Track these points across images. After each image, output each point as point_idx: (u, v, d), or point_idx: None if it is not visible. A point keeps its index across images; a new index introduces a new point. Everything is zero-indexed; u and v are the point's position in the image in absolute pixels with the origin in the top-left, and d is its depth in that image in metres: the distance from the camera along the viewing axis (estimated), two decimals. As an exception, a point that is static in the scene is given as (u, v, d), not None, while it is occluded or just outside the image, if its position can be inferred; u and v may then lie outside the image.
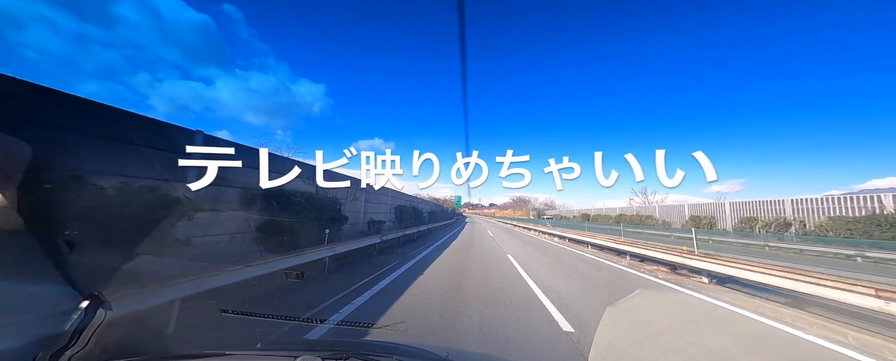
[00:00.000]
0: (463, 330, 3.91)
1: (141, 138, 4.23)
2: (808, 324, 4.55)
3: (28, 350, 1.62)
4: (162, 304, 3.21)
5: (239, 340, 3.37)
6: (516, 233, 25.98)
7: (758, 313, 5.06)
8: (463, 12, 6.75)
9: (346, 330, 3.96)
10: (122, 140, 4.09)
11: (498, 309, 4.85)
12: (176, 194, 4.17)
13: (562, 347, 3.60)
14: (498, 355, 3.43)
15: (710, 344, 3.72)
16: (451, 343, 3.56)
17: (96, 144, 3.82)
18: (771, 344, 3.87)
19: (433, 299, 5.33)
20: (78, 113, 3.74)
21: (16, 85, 3.20)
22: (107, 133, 3.93)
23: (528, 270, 8.45)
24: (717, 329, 4.31)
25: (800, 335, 4.16)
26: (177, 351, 2.34)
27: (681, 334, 4.05)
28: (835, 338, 4.04)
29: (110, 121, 4.04)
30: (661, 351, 3.47)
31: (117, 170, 3.96)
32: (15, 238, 2.31)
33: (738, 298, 6.01)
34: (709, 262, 7.23)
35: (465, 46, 18.14)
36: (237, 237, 5.78)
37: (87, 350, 1.66)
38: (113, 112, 4.11)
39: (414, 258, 9.97)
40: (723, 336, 4.02)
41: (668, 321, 4.69)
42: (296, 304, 4.78)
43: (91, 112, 3.86)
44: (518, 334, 3.92)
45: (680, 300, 6.01)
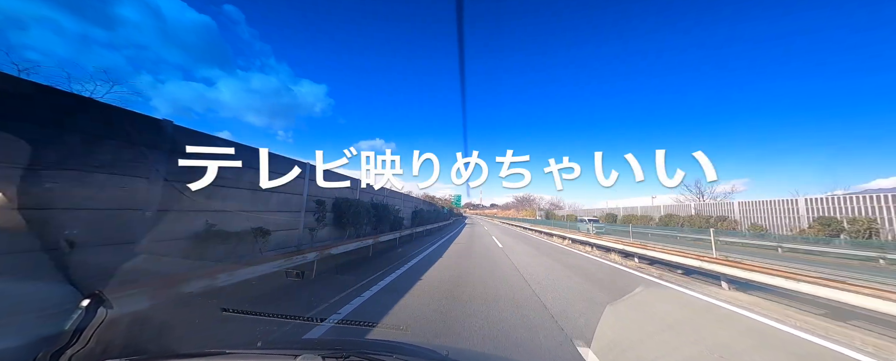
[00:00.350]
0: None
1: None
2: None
3: (29, 348, 1.64)
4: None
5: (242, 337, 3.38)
6: (533, 241, 18.33)
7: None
8: (462, 12, 6.77)
9: (346, 329, 3.98)
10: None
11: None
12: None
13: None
14: (498, 355, 3.43)
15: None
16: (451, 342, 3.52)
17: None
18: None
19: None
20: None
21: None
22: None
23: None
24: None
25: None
26: (177, 351, 2.35)
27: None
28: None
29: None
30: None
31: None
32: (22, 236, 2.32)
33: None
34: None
35: (463, 47, 17.29)
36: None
37: (88, 349, 1.68)
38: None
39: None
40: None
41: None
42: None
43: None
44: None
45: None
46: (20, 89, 3.17)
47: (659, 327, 4.51)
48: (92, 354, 1.67)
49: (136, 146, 3.98)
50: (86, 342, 1.66)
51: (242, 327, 3.55)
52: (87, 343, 1.67)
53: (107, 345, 1.76)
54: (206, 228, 4.86)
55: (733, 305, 5.65)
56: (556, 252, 12.96)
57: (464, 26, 11.93)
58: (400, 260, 9.44)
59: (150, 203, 4.12)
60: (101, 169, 3.64)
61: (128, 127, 3.99)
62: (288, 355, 1.44)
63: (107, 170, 3.69)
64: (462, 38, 8.01)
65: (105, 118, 3.77)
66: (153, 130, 4.29)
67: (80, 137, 3.48)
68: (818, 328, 4.53)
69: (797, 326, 4.56)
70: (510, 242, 16.79)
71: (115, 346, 1.81)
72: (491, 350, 3.44)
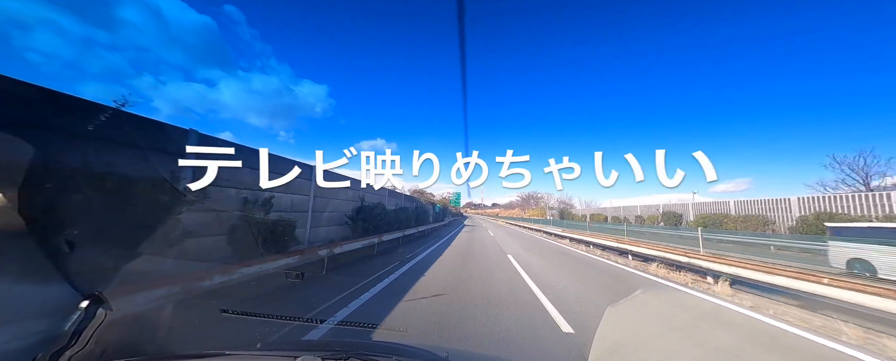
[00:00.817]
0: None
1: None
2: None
3: (28, 350, 1.64)
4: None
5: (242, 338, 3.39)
6: (562, 250, 13.53)
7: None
8: (462, 12, 6.69)
9: (346, 330, 3.98)
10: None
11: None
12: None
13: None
14: (499, 355, 3.42)
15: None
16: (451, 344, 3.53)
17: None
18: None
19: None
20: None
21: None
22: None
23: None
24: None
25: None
26: (177, 351, 2.36)
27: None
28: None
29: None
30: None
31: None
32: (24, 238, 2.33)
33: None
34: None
35: (464, 47, 17.47)
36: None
37: (88, 350, 1.68)
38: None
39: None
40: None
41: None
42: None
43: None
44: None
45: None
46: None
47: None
48: (91, 354, 1.67)
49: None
50: (85, 342, 1.67)
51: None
52: (87, 343, 1.67)
53: (106, 345, 1.77)
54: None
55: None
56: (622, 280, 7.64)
57: (465, 27, 11.90)
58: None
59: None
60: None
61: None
62: (287, 356, 1.43)
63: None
64: (463, 38, 7.99)
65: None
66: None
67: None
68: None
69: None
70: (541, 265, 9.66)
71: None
72: (492, 353, 3.43)
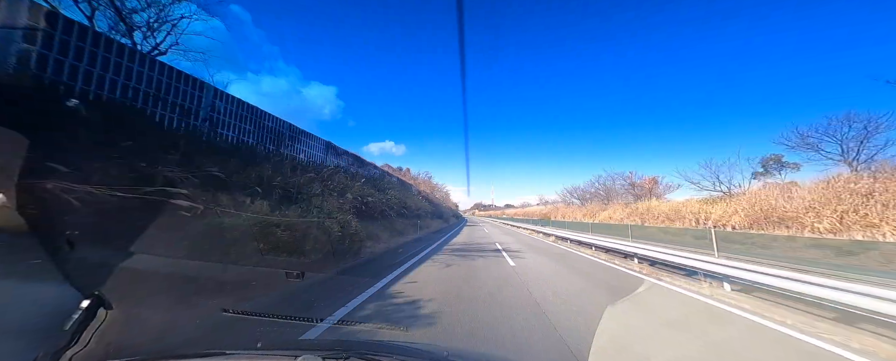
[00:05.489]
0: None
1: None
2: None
3: (28, 349, 1.64)
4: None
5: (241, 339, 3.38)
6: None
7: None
8: (462, 11, 6.69)
9: (345, 330, 3.97)
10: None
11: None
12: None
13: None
14: (498, 355, 3.41)
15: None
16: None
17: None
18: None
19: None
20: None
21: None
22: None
23: None
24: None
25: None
26: (177, 351, 2.35)
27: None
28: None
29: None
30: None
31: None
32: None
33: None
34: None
35: (464, 44, 17.80)
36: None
37: (88, 350, 1.68)
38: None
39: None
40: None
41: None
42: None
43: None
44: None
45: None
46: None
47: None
48: (92, 354, 1.67)
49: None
50: (86, 342, 1.66)
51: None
52: (87, 343, 1.67)
53: (107, 345, 1.76)
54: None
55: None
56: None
57: (465, 27, 12.00)
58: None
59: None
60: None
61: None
62: (288, 355, 1.43)
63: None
64: (463, 38, 8.01)
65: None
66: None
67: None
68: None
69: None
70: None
71: (124, 343, 1.81)
72: (490, 350, 3.43)
